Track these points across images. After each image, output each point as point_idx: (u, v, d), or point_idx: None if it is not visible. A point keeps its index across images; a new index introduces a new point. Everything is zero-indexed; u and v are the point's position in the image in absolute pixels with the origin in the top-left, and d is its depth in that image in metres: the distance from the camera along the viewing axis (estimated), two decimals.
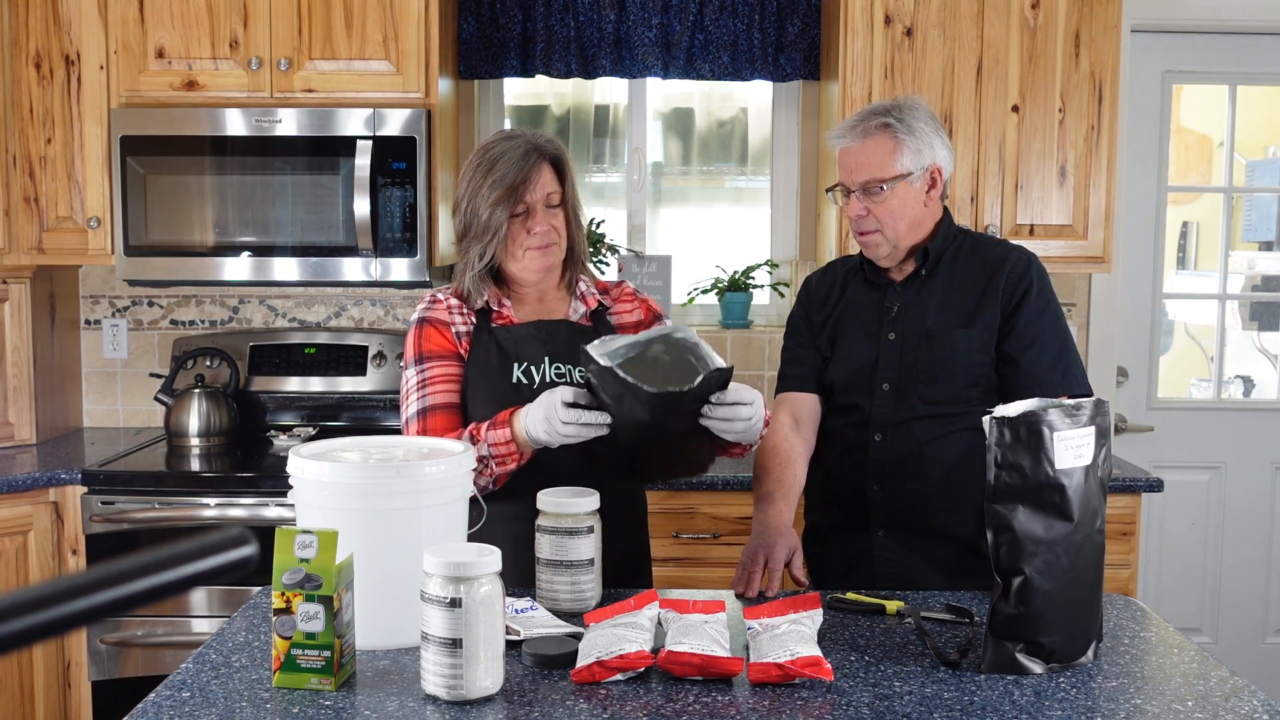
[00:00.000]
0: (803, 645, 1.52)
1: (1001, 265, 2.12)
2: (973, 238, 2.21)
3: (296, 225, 3.22)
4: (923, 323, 2.12)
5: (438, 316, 2.03)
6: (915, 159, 2.09)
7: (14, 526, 2.99)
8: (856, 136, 2.10)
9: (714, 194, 3.95)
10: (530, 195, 1.97)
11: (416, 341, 2.02)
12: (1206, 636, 3.92)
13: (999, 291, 2.09)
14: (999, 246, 2.18)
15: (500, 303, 2.04)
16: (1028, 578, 1.54)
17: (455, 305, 2.04)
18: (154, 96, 3.22)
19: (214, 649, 1.62)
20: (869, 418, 2.13)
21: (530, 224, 1.98)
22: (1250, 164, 4.10)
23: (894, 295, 2.17)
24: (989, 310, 2.09)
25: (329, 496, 1.60)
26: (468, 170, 2.01)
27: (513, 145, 1.98)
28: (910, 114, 2.10)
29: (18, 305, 3.34)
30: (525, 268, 2.01)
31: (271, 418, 3.60)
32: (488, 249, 1.99)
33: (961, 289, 2.12)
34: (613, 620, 1.62)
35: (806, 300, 2.30)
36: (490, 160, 1.98)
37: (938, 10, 3.21)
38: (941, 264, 2.15)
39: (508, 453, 1.84)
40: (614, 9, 3.54)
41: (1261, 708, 1.45)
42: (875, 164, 2.08)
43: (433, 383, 1.99)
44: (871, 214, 2.09)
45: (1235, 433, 3.91)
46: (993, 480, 1.55)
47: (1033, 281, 2.10)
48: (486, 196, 1.96)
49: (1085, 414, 1.58)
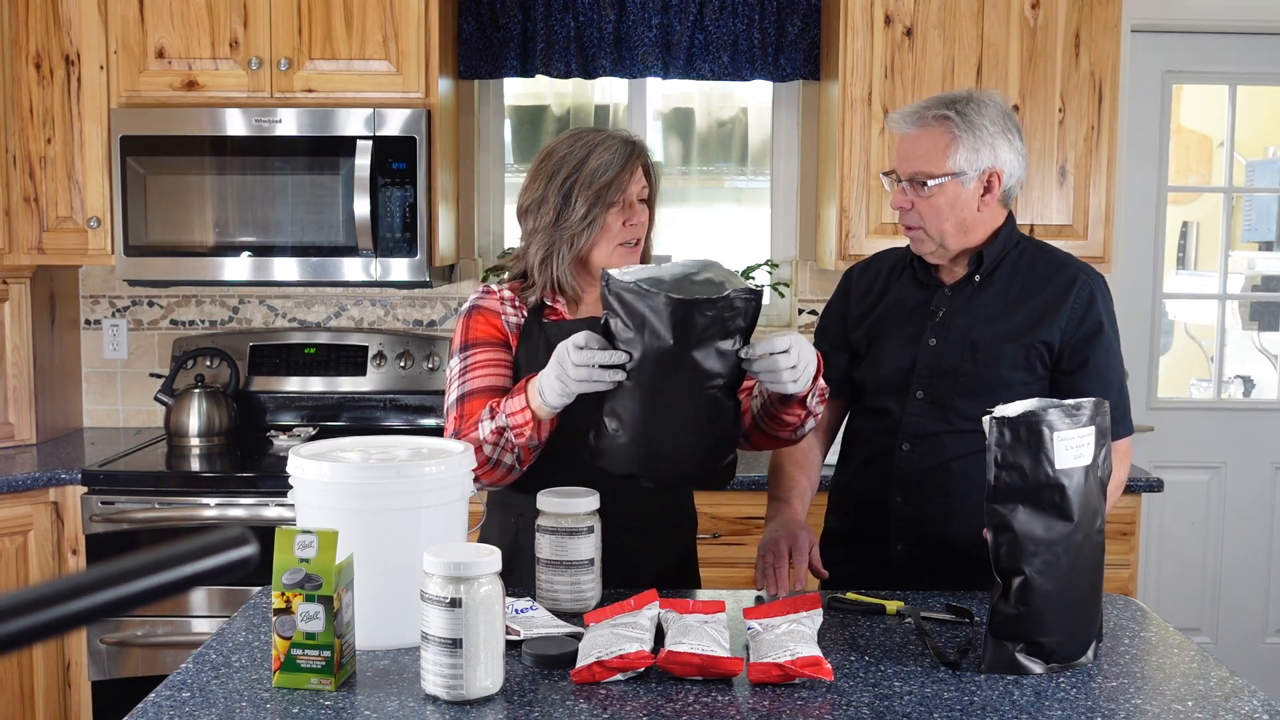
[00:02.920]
0: (803, 645, 1.52)
1: (1069, 286, 2.00)
2: (1035, 246, 2.08)
3: (296, 225, 3.22)
4: (969, 332, 1.99)
5: (489, 305, 1.99)
6: (971, 158, 1.95)
7: (14, 526, 2.99)
8: (914, 125, 1.98)
9: (714, 194, 3.95)
10: (629, 189, 1.94)
11: (464, 330, 1.98)
12: (1206, 636, 3.92)
13: (1062, 315, 1.98)
14: (1065, 264, 2.06)
15: (554, 298, 1.98)
16: (1028, 578, 1.54)
17: (508, 297, 1.99)
18: (154, 96, 3.22)
19: (214, 649, 1.62)
20: (898, 425, 2.03)
21: (630, 216, 1.94)
22: (1250, 164, 4.10)
23: (942, 299, 2.04)
24: (1046, 330, 1.98)
25: (329, 496, 1.60)
26: (552, 161, 1.95)
27: (610, 138, 1.95)
28: (977, 110, 1.96)
29: (18, 305, 3.34)
30: (608, 259, 1.95)
31: (271, 418, 3.60)
32: (579, 238, 1.93)
33: (1017, 302, 2.00)
34: (613, 620, 1.62)
35: (846, 293, 2.18)
36: (585, 148, 1.93)
37: (938, 10, 3.21)
38: (999, 272, 2.03)
39: (523, 421, 1.78)
40: (614, 9, 3.54)
41: (1261, 708, 1.45)
42: (926, 156, 1.96)
43: (474, 369, 1.94)
44: (915, 208, 1.97)
45: (1235, 433, 3.91)
46: (993, 480, 1.55)
47: (1103, 312, 2.00)
48: (587, 185, 1.90)
49: (1085, 414, 1.57)
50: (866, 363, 2.11)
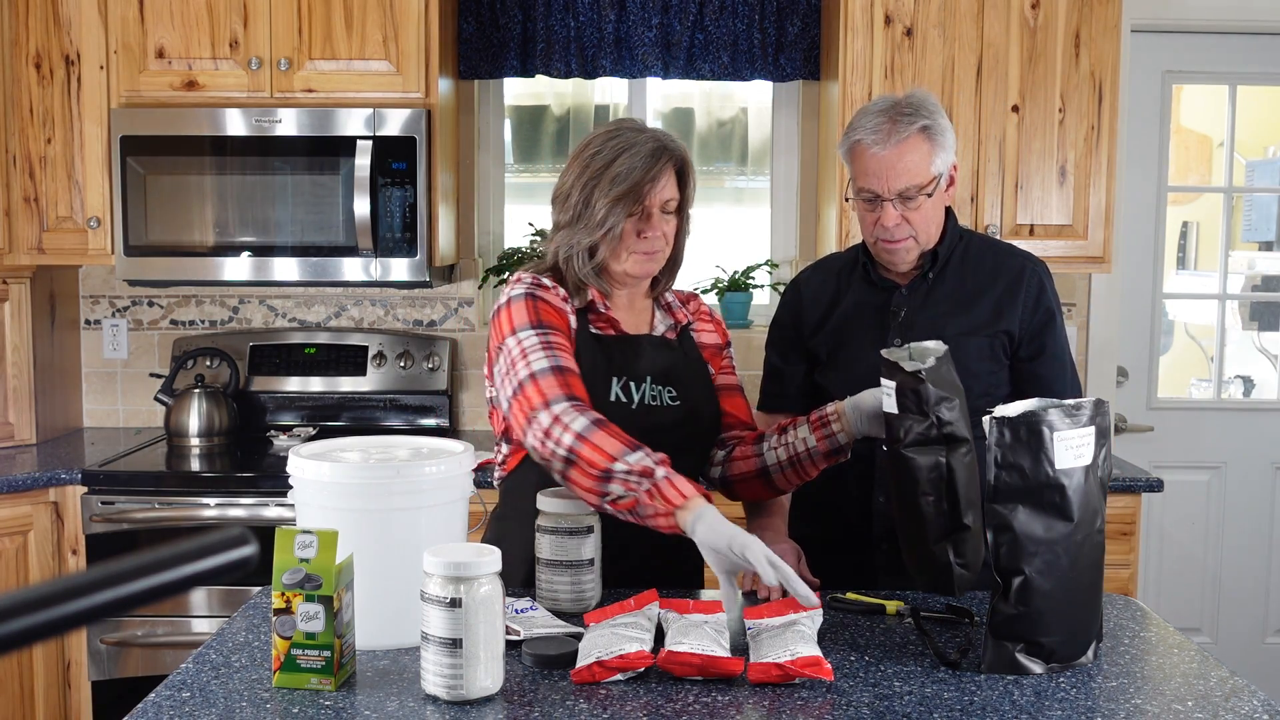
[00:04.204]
0: (803, 645, 1.52)
1: (1018, 276, 2.06)
2: (978, 238, 2.16)
3: (296, 225, 3.22)
4: (933, 329, 2.02)
5: (551, 300, 1.86)
6: (944, 159, 2.00)
7: (14, 526, 2.99)
8: (893, 141, 1.95)
9: (714, 194, 3.95)
10: (651, 198, 1.86)
11: (530, 310, 1.82)
12: (1206, 636, 3.92)
13: (1017, 304, 2.04)
14: (1010, 254, 2.11)
15: (605, 305, 1.90)
16: (1028, 578, 1.54)
17: (564, 294, 1.88)
18: (154, 96, 3.22)
19: (214, 649, 1.62)
20: None
21: (645, 229, 1.86)
22: (1250, 164, 4.10)
23: (900, 299, 2.08)
24: (1007, 319, 2.03)
25: (329, 496, 1.60)
26: (584, 155, 1.87)
27: (642, 139, 1.85)
28: (936, 112, 1.99)
29: (18, 305, 3.34)
30: (626, 271, 1.89)
31: (271, 418, 3.60)
32: (598, 246, 1.86)
33: (974, 294, 2.06)
34: (613, 620, 1.62)
35: (797, 302, 2.19)
36: (615, 150, 1.84)
37: (938, 10, 3.21)
38: (949, 266, 2.08)
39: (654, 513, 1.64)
40: (614, 9, 3.54)
41: (1261, 708, 1.45)
42: (916, 170, 1.96)
43: (560, 348, 1.79)
44: (907, 221, 1.98)
45: (1235, 433, 3.91)
46: (993, 480, 1.56)
47: (1052, 297, 2.07)
48: (606, 190, 1.83)
49: (1085, 414, 1.57)
50: (832, 368, 2.12)
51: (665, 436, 1.81)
